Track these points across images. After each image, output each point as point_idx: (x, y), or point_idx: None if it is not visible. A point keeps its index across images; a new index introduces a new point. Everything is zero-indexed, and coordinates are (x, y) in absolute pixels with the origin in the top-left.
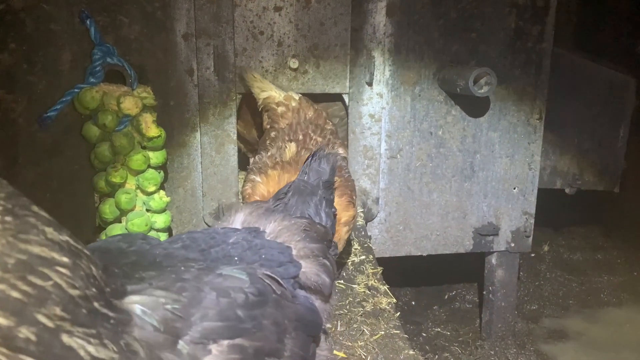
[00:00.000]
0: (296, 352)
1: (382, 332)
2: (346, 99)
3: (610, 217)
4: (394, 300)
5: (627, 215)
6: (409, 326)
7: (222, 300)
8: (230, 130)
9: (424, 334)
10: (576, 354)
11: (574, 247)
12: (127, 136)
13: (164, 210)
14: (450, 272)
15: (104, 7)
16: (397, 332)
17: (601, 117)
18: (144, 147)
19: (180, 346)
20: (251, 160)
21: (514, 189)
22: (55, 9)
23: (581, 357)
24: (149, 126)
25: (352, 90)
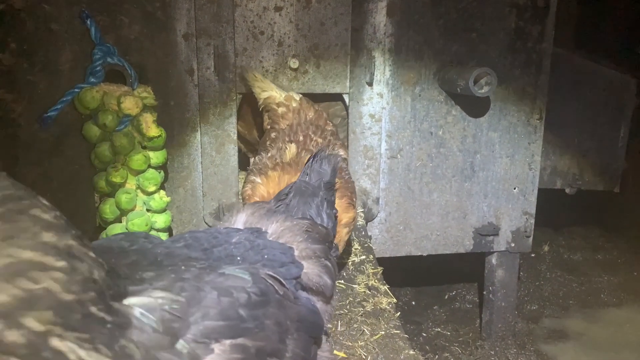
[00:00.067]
0: (298, 352)
1: (383, 332)
2: (346, 99)
3: (610, 217)
4: (394, 300)
5: (627, 215)
6: (409, 326)
7: (224, 299)
8: (230, 130)
9: (424, 334)
10: (576, 354)
11: (574, 247)
12: (128, 136)
13: (164, 210)
14: (450, 272)
15: (104, 7)
16: (398, 332)
17: (601, 117)
18: (144, 147)
19: (180, 346)
20: (251, 160)
21: (514, 189)
22: (55, 9)
23: (581, 357)
24: (150, 126)
25: (353, 90)
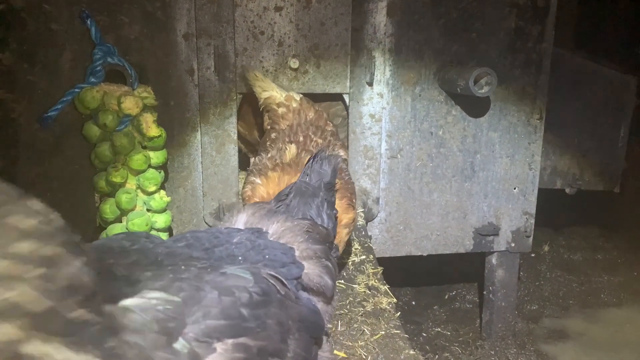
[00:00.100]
0: (299, 353)
1: (383, 332)
2: (346, 99)
3: (610, 217)
4: (395, 300)
5: (627, 215)
6: (409, 326)
7: (225, 298)
8: (230, 130)
9: (424, 334)
10: (576, 354)
11: (574, 247)
12: (128, 136)
13: (164, 210)
14: (450, 272)
15: (104, 7)
16: (398, 332)
17: (601, 117)
18: (144, 147)
19: (179, 345)
20: (251, 161)
21: (514, 189)
22: (56, 9)
23: (581, 357)
24: (150, 126)
25: (353, 90)
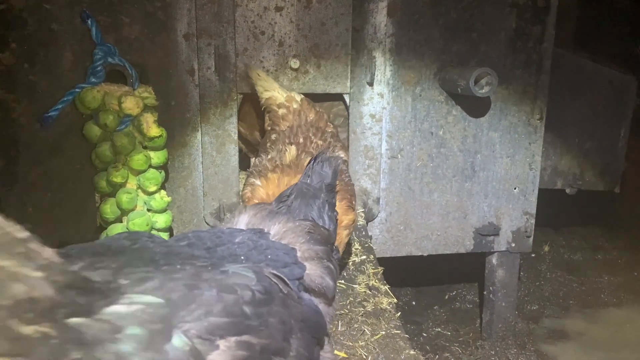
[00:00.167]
0: (302, 352)
1: (383, 332)
2: (347, 99)
3: (610, 217)
4: (395, 300)
5: (627, 215)
6: (409, 326)
7: (227, 296)
8: (231, 130)
9: (425, 334)
10: (576, 354)
11: (574, 247)
12: (128, 136)
13: (165, 210)
14: (450, 272)
15: (105, 7)
16: (398, 332)
17: (602, 117)
18: (145, 147)
19: (179, 343)
20: (252, 161)
21: (515, 189)
22: (56, 9)
23: (581, 357)
24: (150, 126)
25: (353, 90)
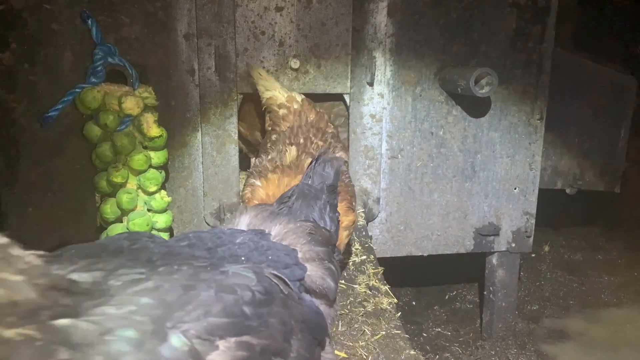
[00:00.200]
0: (302, 353)
1: (383, 332)
2: (347, 99)
3: (610, 218)
4: (395, 300)
5: (627, 215)
6: (409, 326)
7: (226, 296)
8: (231, 130)
9: (425, 334)
10: (577, 354)
11: (574, 248)
12: (129, 136)
13: (165, 210)
14: (450, 272)
15: (105, 7)
16: (398, 332)
17: (602, 117)
18: (145, 147)
19: (177, 343)
20: (252, 161)
21: (515, 189)
22: (56, 9)
23: (582, 357)
24: (150, 126)
25: (353, 90)
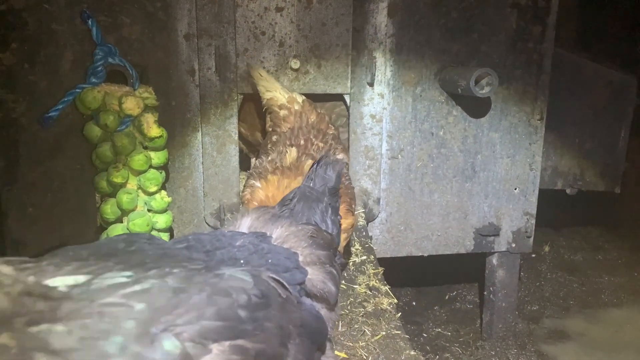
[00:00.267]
0: (300, 358)
1: (383, 333)
2: (347, 99)
3: (611, 218)
4: (395, 300)
5: (627, 215)
6: (409, 326)
7: (220, 300)
8: (231, 130)
9: (425, 335)
10: (577, 355)
11: (574, 248)
12: (129, 136)
13: (165, 210)
14: (451, 272)
15: (105, 7)
16: (398, 332)
17: (602, 118)
18: (145, 147)
19: (170, 346)
20: (252, 162)
21: (515, 189)
22: (56, 9)
23: (582, 357)
24: (151, 126)
25: (354, 90)
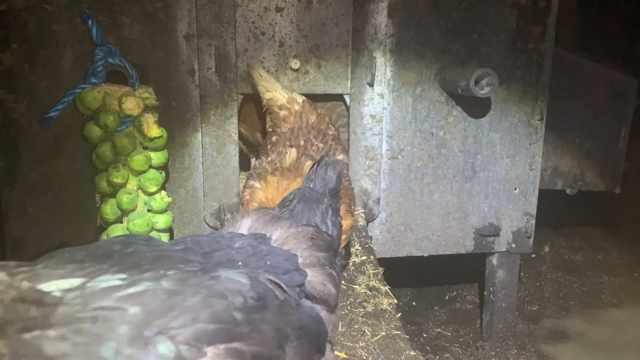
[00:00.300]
0: None
1: (383, 333)
2: (347, 99)
3: (611, 218)
4: (395, 300)
5: (627, 215)
6: (409, 327)
7: (216, 302)
8: (231, 130)
9: (425, 335)
10: (577, 355)
11: (574, 248)
12: (129, 136)
13: (165, 210)
14: (451, 272)
15: (105, 8)
16: (398, 332)
17: (602, 118)
18: (145, 148)
19: (164, 350)
20: (252, 162)
21: (515, 189)
22: (56, 9)
23: (582, 357)
24: (151, 126)
25: (354, 90)
